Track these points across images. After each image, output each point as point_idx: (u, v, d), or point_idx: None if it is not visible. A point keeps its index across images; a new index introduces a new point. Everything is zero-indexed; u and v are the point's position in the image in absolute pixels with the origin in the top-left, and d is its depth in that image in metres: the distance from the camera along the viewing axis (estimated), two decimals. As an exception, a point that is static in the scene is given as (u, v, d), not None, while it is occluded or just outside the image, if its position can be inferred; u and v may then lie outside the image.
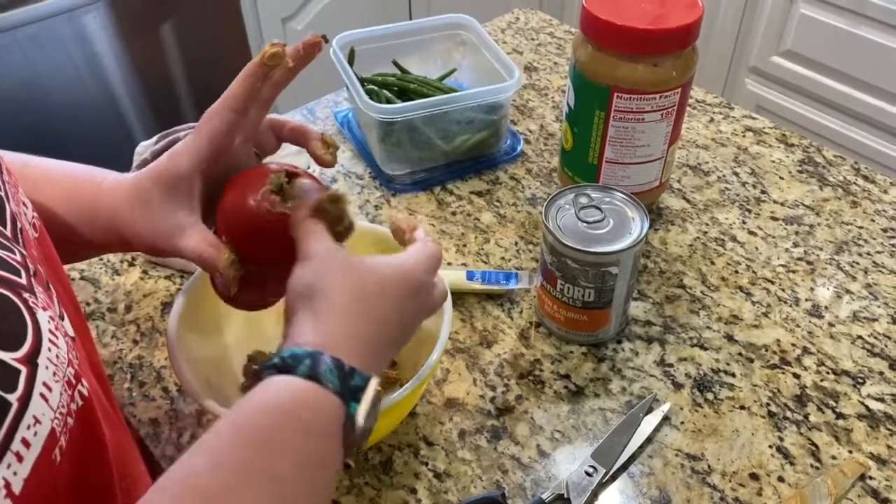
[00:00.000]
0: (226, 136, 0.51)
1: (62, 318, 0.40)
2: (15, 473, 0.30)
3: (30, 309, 0.33)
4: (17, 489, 0.29)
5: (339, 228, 0.48)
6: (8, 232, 0.38)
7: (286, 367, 0.39)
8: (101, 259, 0.80)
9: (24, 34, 1.45)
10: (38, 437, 0.31)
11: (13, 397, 0.30)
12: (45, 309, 0.35)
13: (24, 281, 0.35)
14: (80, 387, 0.35)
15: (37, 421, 0.31)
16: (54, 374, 0.33)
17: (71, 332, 0.40)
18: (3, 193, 0.40)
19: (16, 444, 0.30)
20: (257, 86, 0.51)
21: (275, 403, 0.38)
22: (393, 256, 0.48)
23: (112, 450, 0.40)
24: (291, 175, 0.51)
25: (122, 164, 0.61)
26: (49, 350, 0.33)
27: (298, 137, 0.56)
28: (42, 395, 0.31)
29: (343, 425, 0.39)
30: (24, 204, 0.44)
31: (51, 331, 0.34)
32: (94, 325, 0.74)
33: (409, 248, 0.49)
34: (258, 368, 0.41)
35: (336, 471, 0.40)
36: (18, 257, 0.36)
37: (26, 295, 0.34)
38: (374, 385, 0.40)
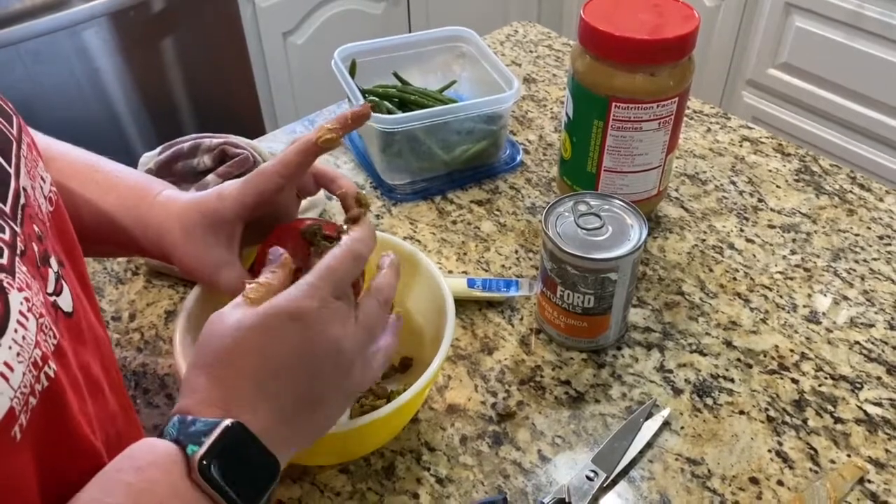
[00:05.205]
0: (272, 194, 0.57)
1: (57, 295, 0.41)
2: None
3: (3, 291, 0.35)
4: None
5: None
6: (7, 208, 0.39)
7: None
8: (105, 268, 0.81)
9: (26, 49, 1.46)
10: None
11: None
12: (21, 290, 0.36)
13: (4, 261, 0.36)
14: (46, 368, 0.36)
15: None
16: (18, 354, 0.34)
17: (67, 308, 0.42)
18: (11, 170, 0.41)
19: None
20: (308, 160, 0.57)
21: (120, 455, 0.41)
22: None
23: (98, 421, 0.42)
24: (318, 233, 0.56)
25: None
26: (15, 331, 0.34)
27: (333, 187, 0.61)
28: (2, 374, 0.33)
29: (188, 468, 0.40)
30: (41, 178, 0.45)
31: (21, 312, 0.35)
32: (97, 334, 0.74)
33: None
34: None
35: None
36: (7, 236, 0.38)
37: (1, 276, 0.35)
38: (222, 426, 0.42)
